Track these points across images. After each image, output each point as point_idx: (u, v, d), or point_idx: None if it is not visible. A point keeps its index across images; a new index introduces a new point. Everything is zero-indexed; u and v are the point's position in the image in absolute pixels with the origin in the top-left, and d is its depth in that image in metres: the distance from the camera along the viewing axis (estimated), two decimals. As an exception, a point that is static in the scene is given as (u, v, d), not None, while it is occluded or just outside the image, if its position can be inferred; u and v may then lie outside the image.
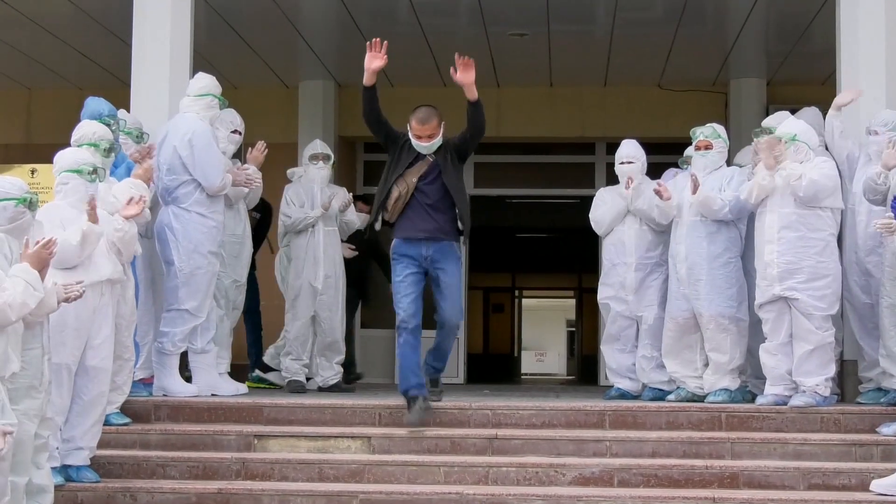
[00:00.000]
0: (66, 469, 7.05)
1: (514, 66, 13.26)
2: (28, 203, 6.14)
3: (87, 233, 6.86)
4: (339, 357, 10.23)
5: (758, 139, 8.75)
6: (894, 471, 7.00)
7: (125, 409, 7.99)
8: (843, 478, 7.22)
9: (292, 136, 13.48)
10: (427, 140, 8.05)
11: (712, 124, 9.17)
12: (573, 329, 32.65)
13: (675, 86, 13.74)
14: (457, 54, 7.98)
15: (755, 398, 8.53)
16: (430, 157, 8.09)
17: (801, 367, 8.25)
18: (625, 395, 9.36)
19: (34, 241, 5.89)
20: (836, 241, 8.48)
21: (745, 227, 8.92)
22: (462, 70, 7.94)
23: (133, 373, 8.04)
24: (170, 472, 7.46)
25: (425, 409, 7.88)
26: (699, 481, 7.26)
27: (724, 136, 9.12)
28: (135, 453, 7.66)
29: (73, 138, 7.87)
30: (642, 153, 9.50)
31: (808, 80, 12.97)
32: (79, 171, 7.06)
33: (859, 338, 8.79)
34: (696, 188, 8.76)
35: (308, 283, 10.06)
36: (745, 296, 8.82)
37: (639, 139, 9.72)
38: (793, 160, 8.34)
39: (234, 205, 9.48)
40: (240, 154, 9.97)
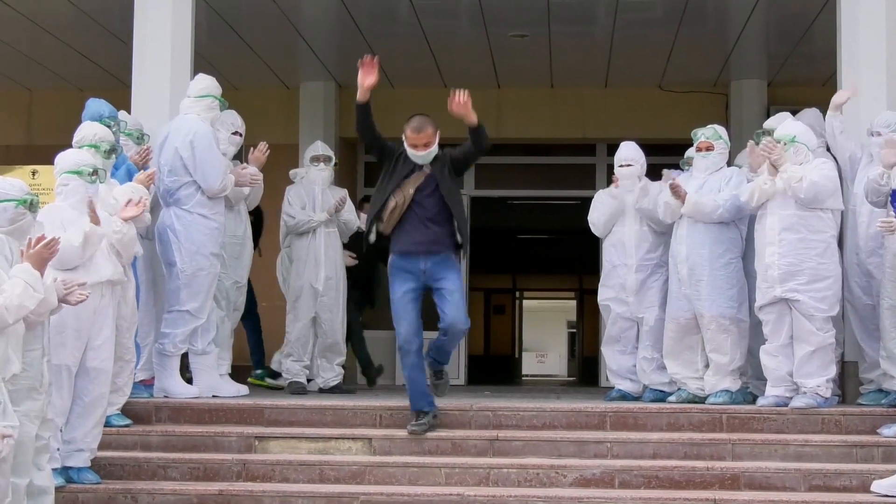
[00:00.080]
0: (66, 470, 7.05)
1: (515, 67, 13.26)
2: (28, 204, 6.13)
3: (89, 234, 6.86)
4: (340, 358, 10.23)
5: (759, 141, 8.76)
6: (895, 472, 7.00)
7: (126, 410, 7.99)
8: (844, 479, 7.22)
9: (293, 138, 13.47)
10: (423, 149, 7.87)
11: (713, 125, 9.17)
12: (574, 330, 32.65)
13: (676, 87, 13.74)
14: (451, 90, 7.72)
15: (756, 399, 8.53)
16: (426, 167, 7.90)
17: (802, 368, 8.25)
18: (626, 397, 9.36)
19: (35, 239, 5.88)
20: (836, 242, 8.48)
21: (745, 228, 8.92)
22: (455, 108, 7.70)
23: (134, 374, 8.04)
24: (171, 474, 7.46)
25: (433, 425, 7.82)
26: (700, 483, 7.26)
27: (724, 137, 9.12)
28: (135, 455, 7.66)
29: (75, 139, 7.87)
30: (641, 155, 9.50)
31: (809, 82, 12.96)
32: (79, 173, 7.06)
33: (860, 339, 8.78)
34: (683, 197, 8.76)
35: (309, 284, 10.06)
36: (745, 297, 8.81)
37: (639, 140, 9.71)
38: (792, 162, 8.34)
39: (234, 206, 9.48)
40: (241, 155, 9.96)
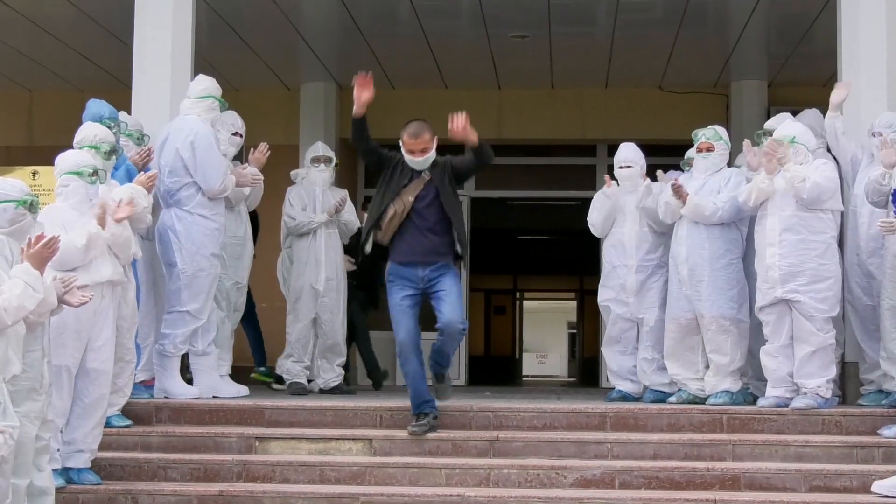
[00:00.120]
0: (67, 471, 7.04)
1: (516, 67, 13.27)
2: (28, 205, 6.13)
3: (93, 237, 6.86)
4: (341, 359, 10.23)
5: (760, 142, 8.75)
6: (895, 472, 7.00)
7: (126, 411, 7.99)
8: (845, 480, 7.22)
9: (293, 138, 13.47)
10: (420, 155, 7.78)
11: (714, 126, 9.17)
12: (574, 331, 32.66)
13: (677, 88, 13.74)
14: (449, 115, 7.65)
15: (756, 400, 8.53)
16: (425, 174, 7.82)
17: (803, 369, 8.25)
18: (626, 397, 9.35)
19: (34, 239, 5.87)
20: (836, 243, 8.48)
21: (746, 229, 8.91)
22: (455, 133, 7.66)
23: (134, 375, 8.04)
24: (171, 475, 7.45)
25: (433, 426, 7.78)
26: (700, 483, 7.25)
27: (725, 138, 9.12)
28: (136, 455, 7.66)
29: (75, 140, 7.86)
30: (641, 156, 9.49)
31: (810, 82, 12.96)
32: (79, 173, 7.06)
33: (860, 340, 8.78)
34: (683, 199, 8.76)
35: (309, 285, 10.06)
36: (746, 297, 8.81)
37: (640, 141, 9.71)
38: (793, 162, 8.34)
39: (235, 207, 9.48)
40: (241, 156, 9.96)
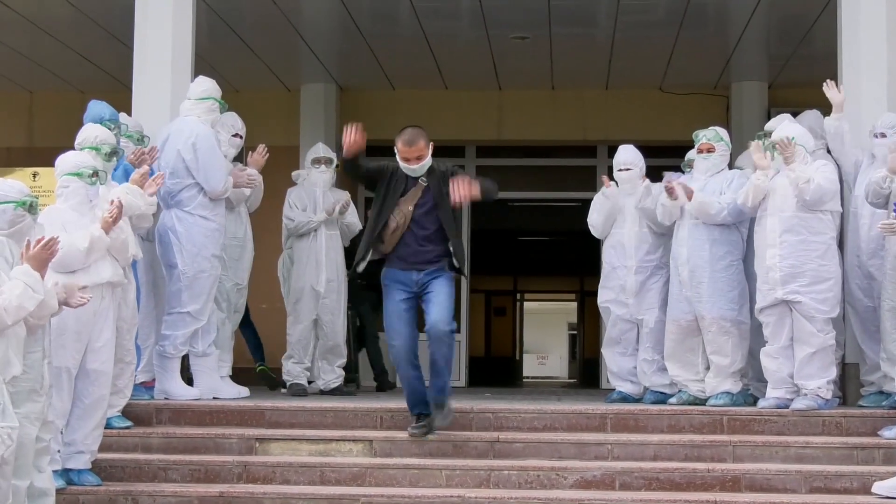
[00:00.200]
0: (67, 472, 7.04)
1: (516, 68, 13.26)
2: (28, 206, 6.12)
3: (96, 240, 6.85)
4: (341, 360, 10.23)
5: (760, 143, 8.74)
6: (896, 474, 7.01)
7: (126, 412, 7.98)
8: (845, 481, 7.21)
9: (294, 140, 13.47)
10: (416, 162, 7.61)
11: (714, 127, 9.17)
12: (575, 332, 32.66)
13: (677, 89, 13.73)
14: (452, 188, 7.50)
15: (757, 401, 8.53)
16: (421, 181, 7.65)
17: (803, 370, 8.24)
18: (626, 399, 9.35)
19: (34, 241, 5.87)
20: (836, 244, 8.48)
21: (746, 230, 8.91)
22: (460, 203, 7.55)
23: (134, 376, 8.03)
24: (171, 476, 7.45)
25: (433, 427, 7.71)
26: (701, 484, 7.25)
27: (726, 139, 9.12)
28: (136, 456, 7.66)
29: (76, 141, 7.86)
30: (640, 158, 9.48)
31: (810, 83, 12.80)
32: (79, 174, 7.05)
33: (861, 341, 8.78)
34: (689, 195, 8.76)
35: (310, 286, 10.05)
36: (746, 299, 8.81)
37: (640, 142, 9.70)
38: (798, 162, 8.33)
39: (235, 208, 9.48)
40: (241, 157, 9.96)
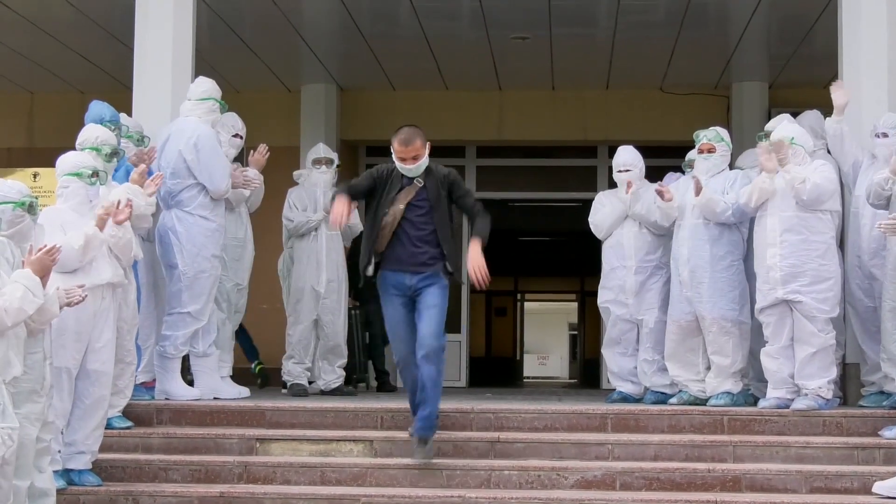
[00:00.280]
0: (68, 473, 7.04)
1: (516, 69, 13.27)
2: (27, 206, 6.13)
3: (90, 238, 6.85)
4: (342, 361, 10.22)
5: (761, 143, 8.75)
6: (896, 474, 7.01)
7: (127, 412, 7.99)
8: (846, 481, 7.21)
9: (294, 140, 13.48)
10: (412, 162, 7.44)
11: (715, 127, 9.16)
12: (575, 332, 32.67)
13: (677, 89, 13.73)
14: (471, 272, 7.33)
15: (757, 401, 8.52)
16: (417, 181, 7.47)
17: (804, 370, 8.25)
18: (627, 399, 9.35)
19: (37, 246, 5.88)
20: (836, 243, 8.48)
21: (747, 230, 8.91)
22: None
23: (135, 376, 8.04)
24: (172, 476, 7.45)
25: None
26: (701, 485, 7.25)
27: (726, 139, 9.12)
28: (137, 457, 7.66)
29: (77, 142, 7.87)
30: (640, 159, 9.46)
31: (810, 84, 12.95)
32: (79, 175, 7.06)
33: (861, 341, 8.77)
34: (698, 190, 8.76)
35: (310, 286, 10.05)
36: (747, 299, 8.80)
37: (640, 142, 9.70)
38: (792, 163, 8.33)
39: (235, 208, 9.48)
40: (241, 158, 9.96)
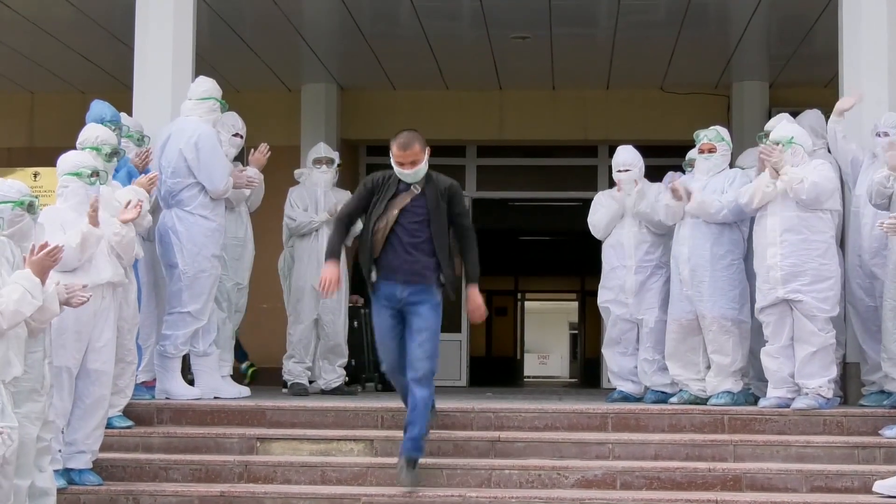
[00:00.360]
0: (68, 472, 7.04)
1: (517, 68, 13.27)
2: (26, 206, 6.12)
3: (86, 235, 6.85)
4: (342, 360, 10.23)
5: (761, 143, 8.75)
6: (897, 473, 7.01)
7: (128, 412, 7.99)
8: (846, 480, 7.22)
9: (294, 140, 13.49)
10: (410, 167, 7.24)
11: (715, 127, 9.16)
12: (576, 332, 32.66)
13: (678, 89, 13.74)
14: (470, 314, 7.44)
15: (758, 401, 8.53)
16: (414, 187, 7.29)
17: (804, 369, 8.25)
18: (627, 398, 9.36)
19: (38, 246, 5.87)
20: (836, 243, 8.48)
21: (748, 230, 8.90)
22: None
23: (135, 376, 8.04)
24: (172, 476, 7.45)
25: (433, 425, 7.49)
26: (702, 484, 7.25)
27: (727, 138, 9.11)
28: (137, 456, 7.66)
29: (78, 141, 7.87)
30: (639, 158, 9.46)
31: (811, 83, 12.96)
32: (78, 174, 7.06)
33: (862, 341, 8.78)
34: (687, 196, 8.76)
35: (311, 286, 10.04)
36: (747, 298, 8.80)
37: (641, 142, 9.70)
38: (790, 163, 8.32)
39: (235, 207, 9.48)
40: (242, 157, 9.96)
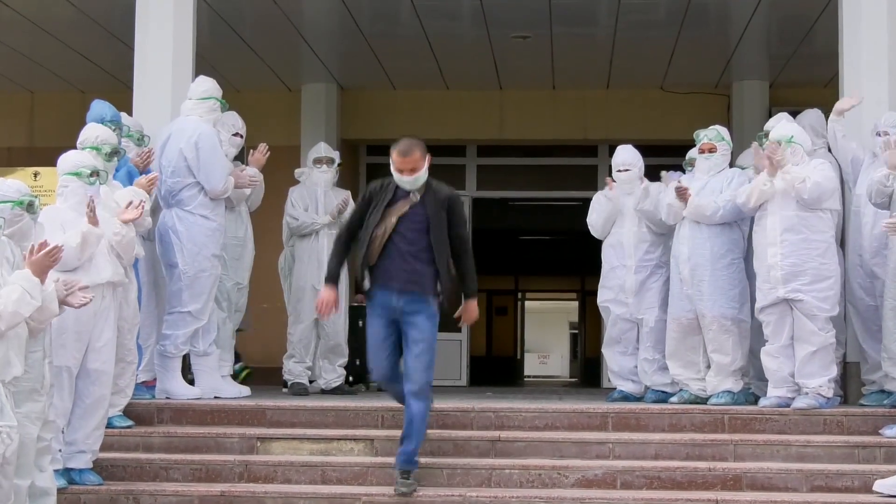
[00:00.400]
0: (68, 472, 7.05)
1: (517, 68, 13.27)
2: (25, 206, 6.12)
3: (86, 235, 6.85)
4: (342, 360, 10.23)
5: (761, 143, 8.75)
6: (897, 472, 7.01)
7: (128, 411, 7.99)
8: (846, 479, 7.22)
9: (294, 139, 13.49)
10: (409, 174, 7.14)
11: (715, 127, 9.15)
12: (576, 331, 32.65)
13: (678, 88, 13.74)
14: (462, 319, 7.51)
15: (758, 400, 8.52)
16: (413, 195, 7.20)
17: (804, 368, 8.24)
18: (627, 398, 9.35)
19: (37, 246, 5.87)
20: (835, 242, 8.48)
21: (748, 229, 8.90)
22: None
23: (136, 375, 8.04)
24: (173, 475, 7.45)
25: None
26: (702, 483, 7.25)
27: (727, 138, 9.11)
28: (138, 456, 7.66)
29: (78, 141, 7.87)
30: (639, 158, 9.46)
31: (811, 83, 12.96)
32: (78, 174, 7.06)
33: (862, 340, 8.78)
34: (685, 198, 8.76)
35: (311, 286, 10.05)
36: (747, 297, 8.80)
37: (641, 141, 9.70)
38: (791, 162, 8.33)
39: (235, 207, 9.48)
40: (242, 157, 9.96)
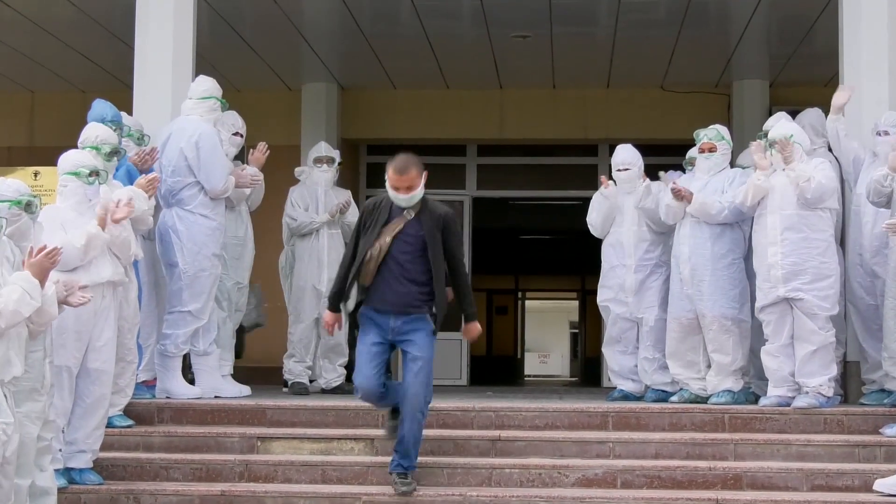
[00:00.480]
0: (69, 471, 7.05)
1: (517, 67, 13.27)
2: (24, 205, 6.12)
3: (92, 237, 6.86)
4: (342, 359, 10.23)
5: (761, 142, 8.75)
6: (897, 472, 7.01)
7: (128, 411, 7.99)
8: (847, 479, 7.22)
9: (295, 139, 13.49)
10: (405, 192, 6.97)
11: (716, 126, 9.15)
12: (576, 331, 32.67)
13: (678, 87, 13.73)
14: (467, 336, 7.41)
15: (758, 399, 8.53)
16: (407, 213, 7.05)
17: (804, 367, 8.25)
18: (628, 397, 9.36)
19: (36, 245, 5.87)
20: (835, 241, 8.48)
21: (748, 229, 8.90)
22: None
23: (136, 375, 8.05)
24: (173, 475, 7.46)
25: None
26: (702, 483, 7.25)
27: (727, 137, 9.11)
28: (138, 455, 7.67)
29: (79, 141, 7.88)
30: (639, 157, 9.46)
31: (811, 82, 12.96)
32: (77, 174, 7.07)
33: (862, 340, 8.78)
34: (688, 197, 8.76)
35: (311, 285, 10.06)
36: (747, 297, 8.80)
37: (641, 141, 9.70)
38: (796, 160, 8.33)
39: (235, 207, 9.48)
40: (242, 156, 9.97)
